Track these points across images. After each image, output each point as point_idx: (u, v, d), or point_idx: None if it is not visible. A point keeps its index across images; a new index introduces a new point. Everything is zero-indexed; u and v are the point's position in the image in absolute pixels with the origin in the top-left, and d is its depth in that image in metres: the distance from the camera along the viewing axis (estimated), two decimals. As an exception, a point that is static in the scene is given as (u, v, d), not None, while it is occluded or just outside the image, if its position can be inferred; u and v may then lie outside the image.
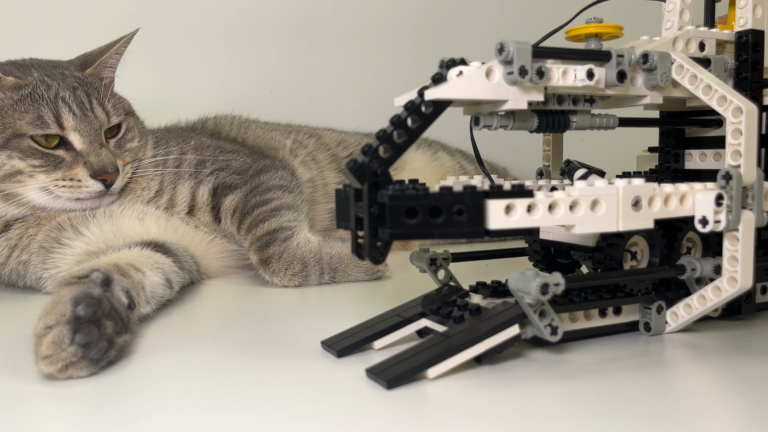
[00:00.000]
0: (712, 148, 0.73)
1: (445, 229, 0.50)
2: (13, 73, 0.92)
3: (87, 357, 0.56)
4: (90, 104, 0.93)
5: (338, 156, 1.35)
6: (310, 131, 1.42)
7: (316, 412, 0.49)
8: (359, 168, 0.52)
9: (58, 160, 0.89)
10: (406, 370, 0.54)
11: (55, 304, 0.58)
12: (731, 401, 0.52)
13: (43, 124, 0.88)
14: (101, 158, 0.91)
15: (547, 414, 0.49)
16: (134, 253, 0.82)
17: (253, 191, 1.04)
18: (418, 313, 0.65)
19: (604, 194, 0.55)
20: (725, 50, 0.71)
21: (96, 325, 0.57)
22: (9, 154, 0.88)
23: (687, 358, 0.61)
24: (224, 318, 0.79)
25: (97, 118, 0.93)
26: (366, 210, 0.51)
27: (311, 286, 0.95)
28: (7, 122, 0.88)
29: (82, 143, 0.91)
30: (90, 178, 0.90)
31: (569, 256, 0.76)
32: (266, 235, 0.97)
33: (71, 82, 0.93)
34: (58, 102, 0.90)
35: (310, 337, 0.68)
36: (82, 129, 0.90)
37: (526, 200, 0.52)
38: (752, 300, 0.71)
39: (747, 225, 0.61)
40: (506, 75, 0.55)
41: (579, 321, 0.65)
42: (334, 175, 1.31)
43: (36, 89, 0.90)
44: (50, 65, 0.97)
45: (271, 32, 1.88)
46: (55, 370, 0.55)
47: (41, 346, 0.55)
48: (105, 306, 0.60)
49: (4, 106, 0.89)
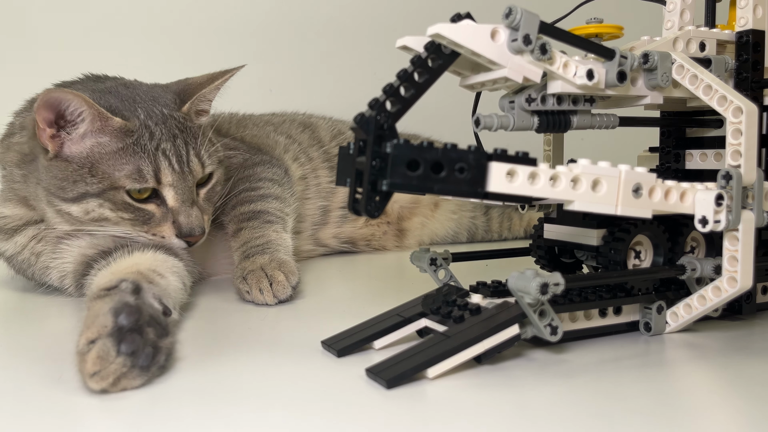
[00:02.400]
0: (713, 148, 0.73)
1: (445, 185, 0.50)
2: (118, 110, 0.84)
3: (137, 365, 0.54)
4: (187, 157, 0.87)
5: (331, 153, 1.35)
6: (304, 121, 1.40)
7: (316, 411, 0.49)
8: (366, 121, 0.52)
9: (147, 216, 0.85)
10: (406, 370, 0.54)
11: (95, 317, 0.56)
12: (731, 401, 0.52)
13: (141, 178, 0.83)
14: (191, 220, 0.86)
15: (547, 414, 0.49)
16: (149, 257, 0.79)
17: (243, 179, 1.04)
18: (418, 312, 0.65)
19: (607, 175, 0.55)
20: (726, 50, 0.71)
21: (138, 333, 0.55)
22: (100, 203, 0.83)
23: (687, 358, 0.61)
24: (224, 317, 0.79)
25: (192, 173, 0.87)
26: (368, 162, 0.51)
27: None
28: (107, 171, 0.82)
29: (175, 200, 0.85)
30: (175, 237, 0.86)
31: (573, 255, 0.76)
32: (249, 213, 0.97)
33: (172, 128, 0.87)
34: (159, 155, 0.84)
35: (310, 337, 0.68)
36: (178, 186, 0.85)
37: (528, 168, 0.52)
38: (753, 300, 0.71)
39: (747, 225, 0.61)
40: (510, 41, 0.55)
41: (579, 321, 0.65)
42: (327, 173, 1.31)
43: (140, 139, 0.83)
44: (149, 97, 0.89)
45: (271, 32, 1.88)
46: (107, 385, 0.52)
47: (87, 364, 0.53)
48: (145, 313, 0.57)
49: (107, 152, 0.82)
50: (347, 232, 1.30)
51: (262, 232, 0.95)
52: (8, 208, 0.93)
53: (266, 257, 0.88)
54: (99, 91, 0.87)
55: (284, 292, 0.84)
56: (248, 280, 0.84)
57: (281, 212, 1.01)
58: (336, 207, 1.30)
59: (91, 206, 0.83)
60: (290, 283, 0.84)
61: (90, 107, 0.80)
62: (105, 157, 0.82)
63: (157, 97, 0.90)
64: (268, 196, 1.02)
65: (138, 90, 0.90)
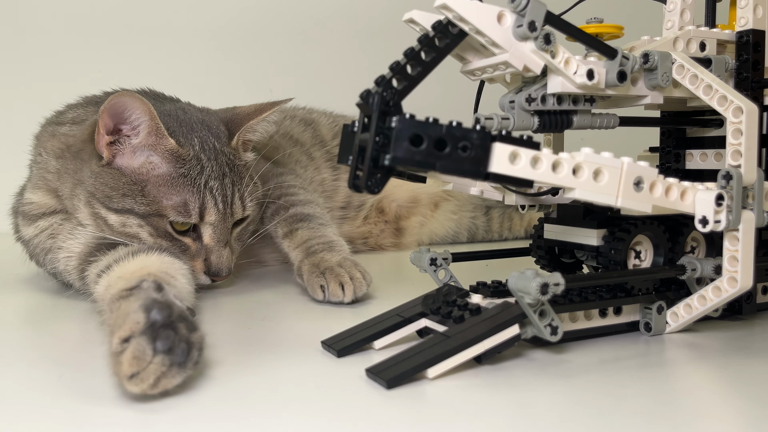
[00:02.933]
0: (713, 148, 0.73)
1: (447, 162, 0.50)
2: (175, 133, 0.84)
3: (175, 363, 0.51)
4: (232, 198, 0.87)
5: (333, 153, 1.35)
6: (305, 118, 1.40)
7: (316, 412, 0.49)
8: (371, 96, 0.52)
9: (183, 248, 0.85)
10: (406, 370, 0.54)
11: (125, 315, 0.54)
12: (732, 401, 0.52)
13: (186, 213, 0.83)
14: (221, 260, 0.87)
15: (547, 414, 0.49)
16: (156, 260, 0.77)
17: (276, 187, 1.05)
18: (418, 313, 0.65)
19: (609, 165, 0.55)
20: (726, 50, 0.71)
21: (171, 329, 0.53)
22: (141, 224, 0.83)
23: (687, 358, 0.61)
24: (224, 318, 0.79)
25: (233, 215, 0.88)
26: (371, 137, 0.51)
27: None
28: (157, 196, 0.82)
29: (211, 239, 0.86)
30: (203, 274, 0.87)
31: (573, 255, 0.76)
32: (298, 215, 0.98)
33: (222, 165, 0.87)
34: (206, 193, 0.84)
35: (310, 337, 0.68)
36: (217, 226, 0.86)
37: (531, 151, 0.52)
38: (753, 300, 0.71)
39: (747, 225, 0.61)
40: (515, 27, 0.55)
41: (579, 321, 0.65)
42: (329, 173, 1.31)
43: (191, 170, 0.83)
44: (203, 126, 0.89)
45: (271, 32, 1.88)
46: (148, 387, 0.50)
47: (122, 366, 0.50)
48: (175, 309, 0.55)
49: (157, 175, 0.82)
50: (345, 231, 1.31)
51: (322, 232, 0.96)
52: (37, 195, 0.93)
53: (338, 256, 0.89)
54: (161, 113, 0.86)
55: (362, 290, 0.84)
56: (327, 275, 0.85)
57: (326, 217, 1.02)
58: (336, 207, 1.31)
59: (131, 223, 0.83)
60: (366, 281, 0.85)
61: (151, 119, 0.80)
62: (155, 180, 0.82)
63: (210, 126, 0.90)
64: (309, 202, 1.03)
65: (193, 116, 0.90)
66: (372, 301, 0.86)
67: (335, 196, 1.31)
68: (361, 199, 1.34)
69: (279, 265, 1.12)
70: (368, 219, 1.35)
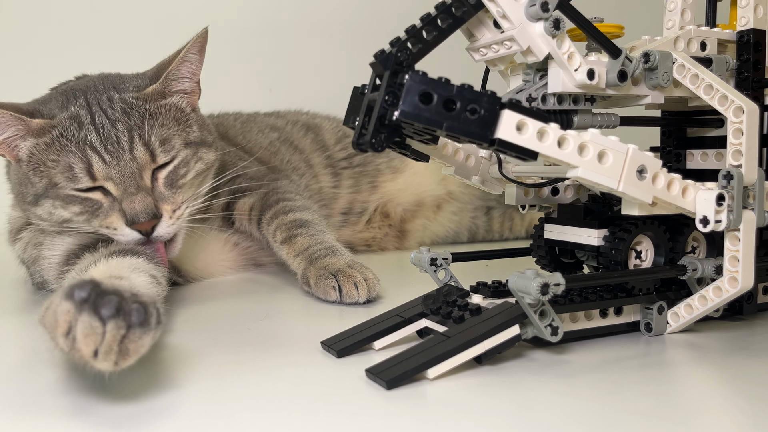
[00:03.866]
0: (714, 148, 0.73)
1: (455, 123, 0.50)
2: (49, 109, 0.84)
3: (134, 324, 0.47)
4: (130, 143, 0.83)
5: (335, 158, 1.35)
6: (308, 123, 1.40)
7: (316, 412, 0.49)
8: (385, 56, 0.52)
9: (96, 206, 0.83)
10: (406, 371, 0.54)
11: (53, 316, 0.50)
12: (732, 401, 0.52)
13: (74, 176, 0.81)
14: (134, 206, 0.81)
15: (547, 414, 0.48)
16: (102, 268, 0.73)
17: (270, 193, 1.05)
18: (418, 313, 0.65)
19: (614, 149, 0.55)
20: (727, 50, 0.71)
21: (113, 293, 0.48)
22: (52, 203, 0.83)
23: (688, 358, 0.61)
24: (224, 318, 0.79)
25: (135, 160, 0.83)
26: (381, 94, 0.50)
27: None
28: (43, 171, 0.83)
29: (117, 190, 0.83)
30: (126, 227, 0.82)
31: (574, 256, 0.76)
32: (296, 221, 0.98)
33: (115, 112, 0.84)
34: (86, 149, 0.81)
35: (310, 337, 0.68)
36: (115, 176, 0.82)
37: (539, 123, 0.52)
38: (754, 300, 0.71)
39: (748, 225, 0.60)
40: (528, 6, 0.56)
41: (580, 321, 0.65)
42: (329, 179, 1.31)
43: (65, 132, 0.82)
44: (108, 86, 0.87)
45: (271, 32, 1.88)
46: (117, 358, 0.47)
47: (81, 351, 0.47)
48: (105, 285, 0.50)
49: (36, 153, 0.83)
50: (345, 236, 1.31)
51: (322, 238, 0.95)
52: (17, 211, 0.96)
53: (343, 259, 0.89)
54: (56, 92, 0.89)
55: (375, 290, 0.84)
56: (339, 277, 0.85)
57: (323, 223, 1.02)
58: (336, 212, 1.31)
59: (47, 207, 0.84)
60: (377, 281, 0.85)
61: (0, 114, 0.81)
62: (40, 156, 0.83)
63: (119, 84, 0.88)
64: (307, 208, 1.03)
65: (102, 81, 0.89)
66: (374, 301, 0.86)
67: (335, 204, 1.30)
68: (363, 205, 1.34)
69: (277, 266, 1.12)
70: (372, 223, 1.35)
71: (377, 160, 1.39)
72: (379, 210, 1.36)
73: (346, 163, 1.35)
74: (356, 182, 1.34)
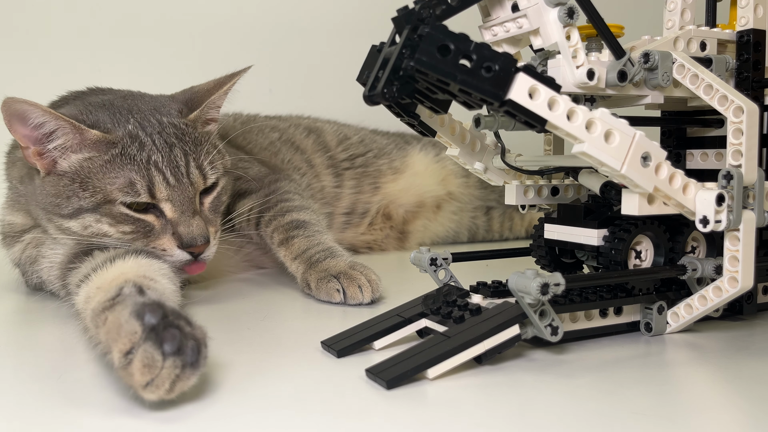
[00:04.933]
0: (714, 148, 0.73)
1: (469, 78, 0.50)
2: (100, 123, 0.82)
3: (188, 364, 0.49)
4: (186, 168, 0.84)
5: (337, 159, 1.35)
6: (310, 125, 1.40)
7: (316, 411, 0.49)
8: (408, 12, 0.52)
9: (147, 228, 0.82)
10: (406, 370, 0.54)
11: (118, 328, 0.51)
12: (732, 401, 0.52)
13: (134, 192, 0.80)
14: (191, 230, 0.82)
15: (547, 414, 0.49)
16: (132, 265, 0.74)
17: (271, 194, 1.05)
18: (418, 313, 0.65)
19: (621, 130, 0.55)
20: (726, 50, 0.71)
21: (175, 328, 0.50)
22: (98, 218, 0.81)
23: (688, 358, 0.61)
24: (224, 318, 0.79)
25: (192, 185, 0.84)
26: (398, 47, 0.51)
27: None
28: (97, 185, 0.80)
29: (174, 212, 0.83)
30: (177, 249, 0.83)
31: (573, 256, 0.76)
32: (294, 222, 0.97)
33: (169, 136, 0.84)
34: (151, 168, 0.81)
35: (310, 337, 0.68)
36: (175, 198, 0.82)
37: (551, 92, 0.53)
38: (753, 300, 0.71)
39: (748, 225, 0.60)
40: None
41: (580, 321, 0.65)
42: (331, 179, 1.31)
43: (126, 149, 0.81)
44: (150, 108, 0.87)
45: (271, 32, 1.88)
46: (164, 393, 0.48)
47: (134, 376, 0.48)
48: (168, 308, 0.52)
49: (95, 167, 0.80)
50: (348, 238, 1.31)
51: (318, 239, 0.95)
52: (16, 217, 0.94)
53: (343, 260, 0.88)
54: (92, 105, 0.86)
55: (378, 291, 0.84)
56: (342, 279, 0.84)
57: (321, 223, 1.02)
58: (339, 213, 1.31)
59: (88, 221, 0.81)
60: (380, 282, 0.85)
61: (56, 118, 0.78)
62: (93, 170, 0.80)
63: (160, 107, 0.88)
64: (305, 208, 1.03)
65: (138, 101, 0.89)
66: (378, 302, 0.86)
67: (337, 203, 1.30)
68: (366, 206, 1.34)
69: (277, 267, 1.12)
70: (374, 225, 1.35)
71: (378, 161, 1.39)
72: (381, 212, 1.36)
73: (348, 164, 1.35)
74: (358, 182, 1.34)
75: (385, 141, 1.47)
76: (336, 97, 1.89)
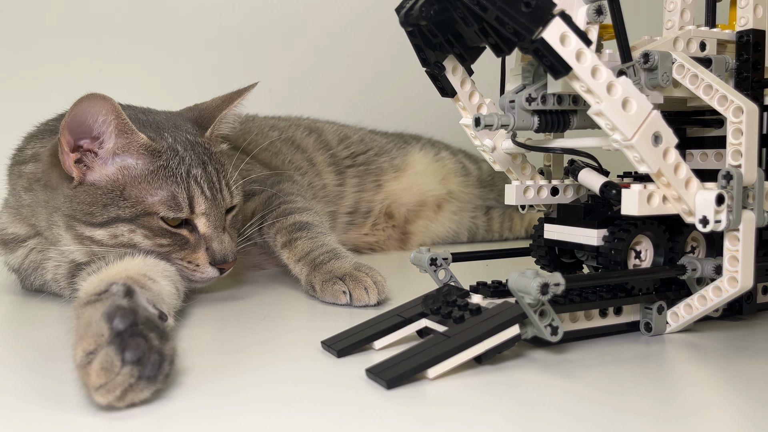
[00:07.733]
0: (714, 148, 0.73)
1: (507, 6, 0.52)
2: (143, 129, 0.82)
3: (144, 376, 0.49)
4: (219, 185, 0.86)
5: (339, 157, 1.35)
6: (310, 125, 1.40)
7: (316, 411, 0.49)
8: None
9: (183, 241, 0.82)
10: (406, 370, 0.54)
11: (87, 326, 0.52)
12: (732, 401, 0.52)
13: (177, 206, 0.80)
14: (224, 246, 0.84)
15: (547, 414, 0.49)
16: (139, 263, 0.75)
17: (274, 196, 1.05)
18: (418, 313, 0.65)
19: (640, 102, 0.56)
20: (726, 50, 0.71)
21: (142, 337, 0.50)
22: (132, 229, 0.80)
23: (688, 358, 0.61)
24: (224, 318, 0.79)
25: (224, 201, 0.86)
26: None
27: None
28: (139, 195, 0.79)
29: (207, 228, 0.83)
30: (209, 265, 0.84)
31: (573, 256, 0.76)
32: (297, 224, 0.97)
33: (200, 154, 0.85)
34: (191, 182, 0.82)
35: (310, 337, 0.68)
36: (212, 213, 0.83)
37: (581, 43, 0.54)
38: (753, 300, 0.71)
39: (748, 225, 0.60)
40: None
41: (579, 321, 0.65)
42: (333, 177, 1.31)
43: (170, 162, 0.81)
44: (171, 124, 0.87)
45: (271, 32, 1.88)
46: (114, 399, 0.48)
47: (90, 377, 0.48)
48: (141, 315, 0.52)
49: (138, 176, 0.80)
50: (352, 239, 1.31)
51: (322, 241, 0.94)
52: (16, 227, 0.92)
53: (348, 262, 0.88)
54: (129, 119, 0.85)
55: (384, 292, 0.84)
56: (347, 281, 0.84)
57: (324, 224, 1.01)
58: (342, 212, 1.30)
59: (121, 231, 0.80)
60: (385, 283, 0.85)
61: (118, 117, 0.77)
62: (135, 180, 0.80)
63: (177, 123, 0.89)
64: (307, 209, 1.02)
65: (158, 117, 0.89)
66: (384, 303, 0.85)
67: (340, 202, 1.30)
68: (369, 205, 1.34)
69: (277, 268, 1.12)
70: (377, 226, 1.36)
71: (380, 159, 1.39)
72: (384, 212, 1.36)
73: (350, 162, 1.35)
74: (361, 181, 1.34)
75: (384, 140, 1.47)
76: (336, 96, 1.89)
